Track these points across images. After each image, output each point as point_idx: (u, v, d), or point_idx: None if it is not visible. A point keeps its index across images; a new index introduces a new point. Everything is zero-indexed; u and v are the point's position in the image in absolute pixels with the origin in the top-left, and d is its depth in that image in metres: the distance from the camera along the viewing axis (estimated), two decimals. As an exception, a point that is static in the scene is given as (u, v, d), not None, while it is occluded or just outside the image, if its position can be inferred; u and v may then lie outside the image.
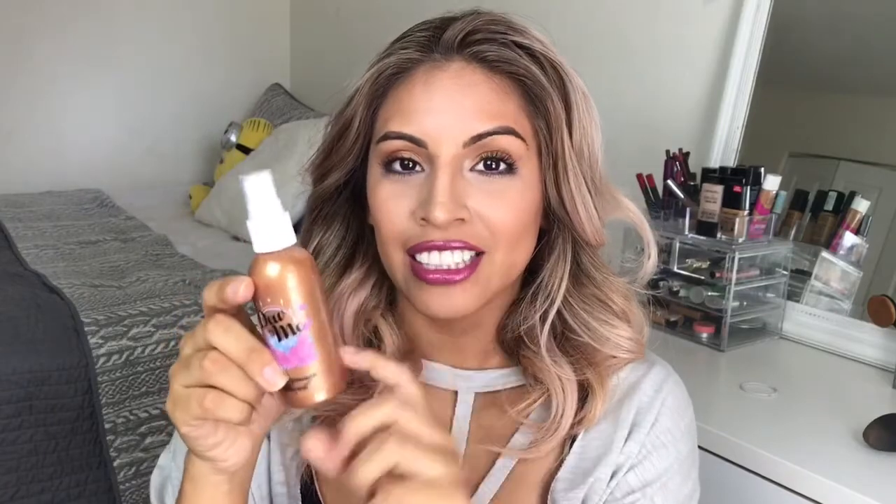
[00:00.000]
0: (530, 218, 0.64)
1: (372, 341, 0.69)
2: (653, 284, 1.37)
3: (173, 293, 1.83)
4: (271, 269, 0.48)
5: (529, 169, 0.63)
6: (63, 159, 2.77)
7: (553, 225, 0.67)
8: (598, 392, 0.66)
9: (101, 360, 1.62)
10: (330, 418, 0.66)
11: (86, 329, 1.62)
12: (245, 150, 2.66)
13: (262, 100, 2.97)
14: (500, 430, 0.68)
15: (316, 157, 0.67)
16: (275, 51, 3.14)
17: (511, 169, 0.62)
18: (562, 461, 0.67)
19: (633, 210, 0.69)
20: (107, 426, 1.62)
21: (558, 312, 0.67)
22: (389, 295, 0.71)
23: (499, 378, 0.70)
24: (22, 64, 2.66)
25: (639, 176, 1.41)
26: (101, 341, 1.63)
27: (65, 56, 2.73)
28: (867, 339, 1.23)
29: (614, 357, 0.67)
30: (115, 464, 1.64)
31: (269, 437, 0.69)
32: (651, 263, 0.70)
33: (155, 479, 0.72)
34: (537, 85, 0.62)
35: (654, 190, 1.41)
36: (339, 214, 0.69)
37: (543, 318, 0.66)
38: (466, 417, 0.68)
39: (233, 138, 2.71)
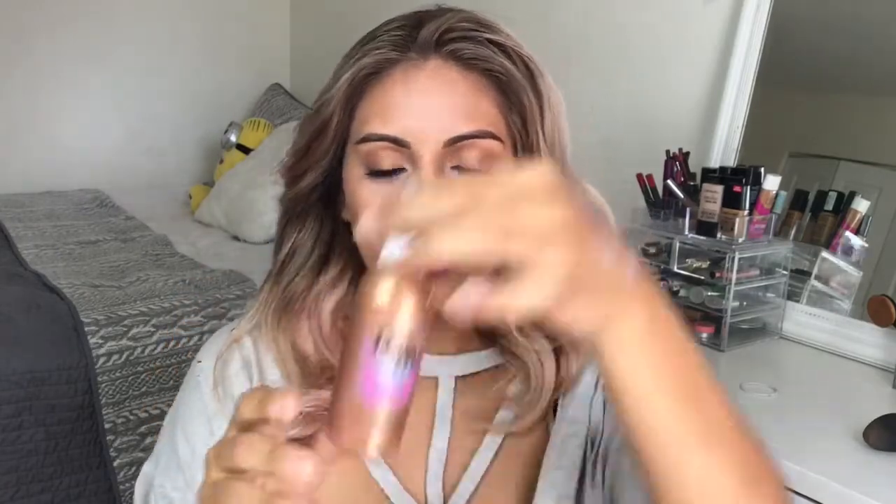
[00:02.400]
0: None
1: None
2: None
3: (173, 293, 1.83)
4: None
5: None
6: (63, 159, 2.77)
7: None
8: (571, 352, 0.68)
9: (101, 360, 1.62)
10: (311, 415, 0.66)
11: (86, 329, 1.62)
12: (245, 150, 2.66)
13: (262, 100, 2.97)
14: (484, 410, 0.69)
15: (289, 160, 0.67)
16: (275, 51, 3.15)
17: (490, 167, 0.62)
18: (549, 433, 0.68)
19: (597, 197, 0.71)
20: (107, 426, 1.62)
21: None
22: None
23: (478, 360, 0.71)
24: (22, 64, 2.66)
25: (639, 176, 1.41)
26: (101, 341, 1.63)
27: (65, 56, 2.73)
28: (867, 339, 1.23)
29: None
30: (115, 464, 1.64)
31: None
32: None
33: (139, 487, 0.72)
34: (513, 81, 0.63)
35: (654, 190, 1.41)
36: (311, 213, 0.69)
37: None
38: (448, 402, 0.69)
39: (233, 138, 2.71)
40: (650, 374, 0.42)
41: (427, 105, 0.61)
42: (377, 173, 0.62)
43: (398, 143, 0.60)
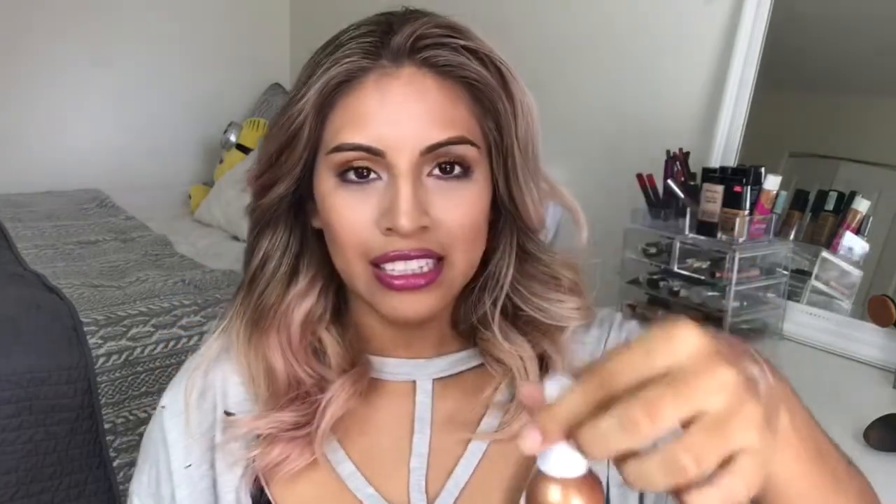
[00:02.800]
0: (484, 217, 0.65)
1: (318, 350, 0.69)
2: (653, 284, 1.37)
3: (173, 293, 1.83)
4: (598, 494, 0.40)
5: (482, 170, 0.64)
6: (63, 159, 2.77)
7: (500, 217, 0.68)
8: (557, 359, 0.68)
9: (101, 360, 1.62)
10: (272, 435, 0.66)
11: (85, 329, 1.62)
12: (245, 149, 2.66)
13: (262, 100, 2.97)
14: (467, 415, 0.69)
15: (258, 170, 0.66)
16: (275, 51, 3.14)
17: (466, 173, 0.63)
18: None
19: (567, 195, 0.72)
20: (107, 426, 1.62)
21: (510, 299, 0.69)
22: (335, 301, 0.71)
23: (457, 362, 0.71)
24: (22, 64, 2.66)
25: (639, 176, 1.41)
26: (100, 341, 1.63)
27: (65, 56, 2.73)
28: (867, 339, 1.23)
29: (566, 325, 0.69)
30: (115, 464, 1.64)
31: (213, 467, 0.68)
32: (583, 240, 0.71)
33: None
34: (488, 87, 0.63)
35: (655, 190, 1.41)
36: (280, 222, 0.68)
37: (494, 304, 0.68)
38: (427, 405, 0.69)
39: (233, 138, 2.71)
40: (792, 462, 0.43)
41: (402, 113, 0.60)
42: (350, 182, 0.62)
43: (372, 152, 0.60)
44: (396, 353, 0.70)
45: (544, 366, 0.69)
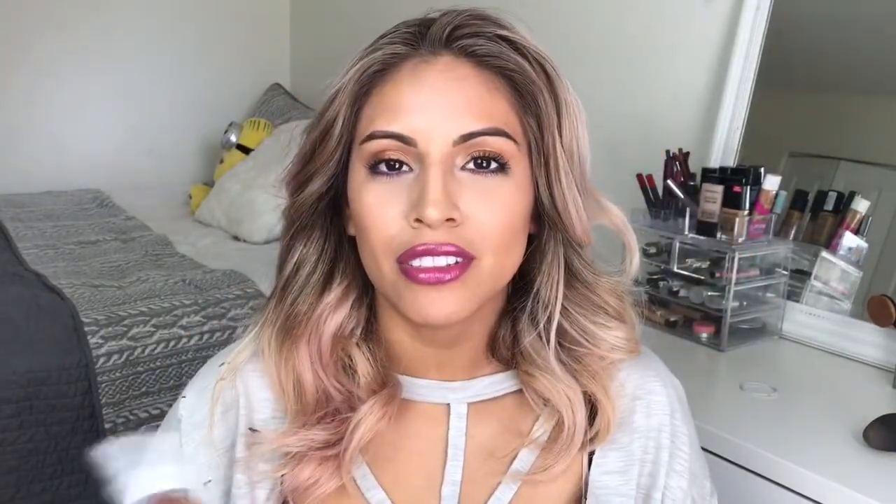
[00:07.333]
0: (521, 221, 0.61)
1: (347, 366, 0.66)
2: (653, 284, 1.37)
3: (173, 293, 1.83)
4: None
5: (521, 169, 0.61)
6: (63, 159, 2.77)
7: (543, 229, 0.64)
8: (606, 404, 0.65)
9: (101, 360, 1.62)
10: (301, 454, 0.63)
11: (86, 329, 1.62)
12: (245, 150, 2.66)
13: (262, 100, 2.97)
14: (502, 448, 0.66)
15: (294, 166, 0.65)
16: (275, 51, 3.14)
17: (503, 168, 0.60)
18: (585, 483, 0.66)
19: (618, 215, 0.67)
20: (107, 426, 1.62)
21: (552, 321, 0.65)
22: (367, 316, 0.68)
23: (492, 385, 0.67)
24: (22, 64, 2.66)
25: (639, 176, 1.41)
26: (101, 341, 1.63)
27: (65, 56, 2.73)
28: (867, 339, 1.23)
29: (611, 357, 0.66)
30: (115, 464, 1.64)
31: (229, 485, 0.66)
32: (634, 268, 0.68)
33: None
34: (527, 79, 0.61)
35: (654, 190, 1.41)
36: (316, 226, 0.66)
37: (546, 332, 0.64)
38: (461, 430, 0.66)
39: (233, 138, 2.71)
40: None
41: (436, 102, 0.58)
42: (379, 173, 0.59)
43: (404, 140, 0.58)
44: (428, 375, 0.67)
45: (592, 410, 0.66)
